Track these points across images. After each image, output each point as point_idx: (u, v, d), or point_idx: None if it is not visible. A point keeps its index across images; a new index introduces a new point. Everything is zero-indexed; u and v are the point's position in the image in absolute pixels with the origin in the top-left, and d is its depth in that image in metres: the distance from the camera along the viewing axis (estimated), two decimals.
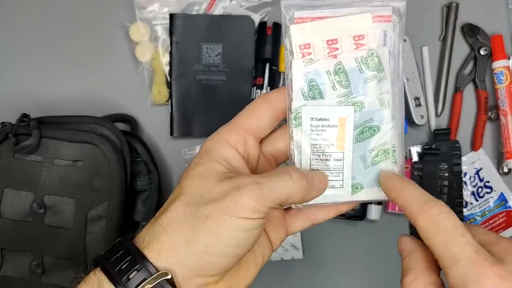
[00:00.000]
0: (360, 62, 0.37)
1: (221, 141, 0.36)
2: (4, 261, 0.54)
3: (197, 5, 0.64)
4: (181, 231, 0.33)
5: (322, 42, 0.37)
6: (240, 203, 0.32)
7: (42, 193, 0.54)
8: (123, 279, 0.32)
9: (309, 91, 0.37)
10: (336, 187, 0.38)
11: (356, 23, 0.37)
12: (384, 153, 0.38)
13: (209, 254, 0.32)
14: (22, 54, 0.65)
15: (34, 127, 0.54)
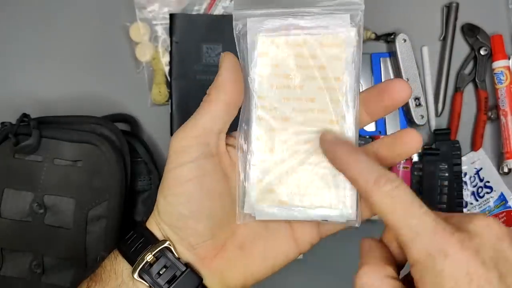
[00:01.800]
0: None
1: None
2: (4, 261, 0.54)
3: (197, 5, 0.64)
4: (158, 200, 0.37)
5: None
6: (170, 151, 0.35)
7: (42, 193, 0.54)
8: (131, 251, 0.36)
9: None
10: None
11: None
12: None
13: (180, 214, 0.35)
14: (22, 54, 0.65)
15: (34, 127, 0.54)
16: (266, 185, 0.35)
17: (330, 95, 0.34)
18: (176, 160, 0.35)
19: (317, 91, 0.34)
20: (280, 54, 0.35)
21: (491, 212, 0.64)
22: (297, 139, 0.35)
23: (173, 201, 0.35)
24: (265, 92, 0.35)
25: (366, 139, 0.61)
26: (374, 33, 0.64)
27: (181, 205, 0.35)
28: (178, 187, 0.35)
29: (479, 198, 0.64)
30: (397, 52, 0.62)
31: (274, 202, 0.35)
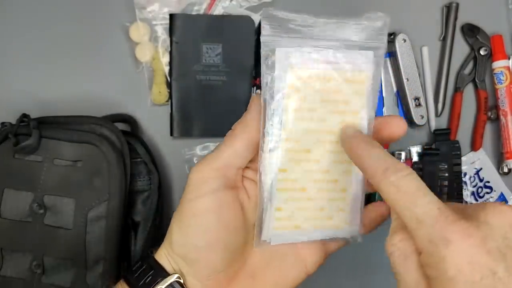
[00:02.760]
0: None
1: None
2: (4, 262, 0.54)
3: (197, 5, 0.64)
4: (172, 229, 0.37)
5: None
6: (188, 181, 0.36)
7: (42, 193, 0.54)
8: (139, 284, 0.37)
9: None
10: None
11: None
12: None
13: (197, 246, 0.35)
14: (22, 54, 0.65)
15: (34, 127, 0.54)
16: (285, 213, 0.37)
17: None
18: (195, 190, 0.35)
19: (338, 124, 0.36)
20: (307, 88, 0.35)
21: None
22: (318, 168, 0.37)
23: (189, 232, 0.35)
24: (291, 125, 0.36)
25: None
26: None
27: (197, 236, 0.35)
28: (195, 218, 0.35)
29: (479, 198, 0.64)
30: (396, 52, 0.62)
31: (289, 228, 0.37)
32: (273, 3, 0.64)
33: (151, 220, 0.57)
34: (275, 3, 0.64)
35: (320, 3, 0.65)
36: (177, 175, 0.64)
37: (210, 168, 0.35)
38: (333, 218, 0.38)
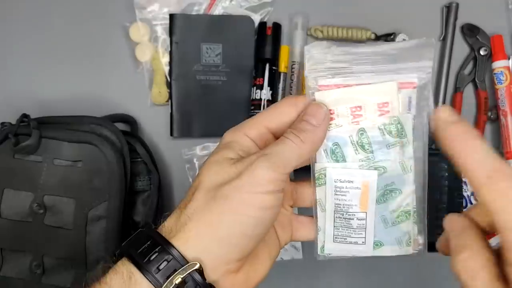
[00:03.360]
0: (383, 129, 0.38)
1: (241, 134, 0.37)
2: (4, 262, 0.54)
3: (197, 5, 0.64)
4: (205, 216, 0.34)
5: (346, 108, 0.38)
6: (256, 177, 0.33)
7: (42, 193, 0.54)
8: (153, 270, 0.33)
9: (332, 154, 0.39)
10: (358, 243, 0.40)
11: (382, 90, 0.37)
12: (405, 214, 0.40)
13: (232, 236, 0.33)
14: (22, 54, 0.65)
15: (34, 127, 0.54)
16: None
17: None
18: (261, 187, 0.34)
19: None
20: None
21: None
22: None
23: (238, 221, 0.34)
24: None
25: None
26: (373, 33, 0.64)
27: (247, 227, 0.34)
28: (253, 210, 0.34)
29: None
30: None
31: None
32: (273, 4, 0.64)
33: (151, 219, 0.57)
34: (275, 3, 0.64)
35: (320, 3, 0.65)
36: (177, 175, 0.64)
37: (280, 172, 0.34)
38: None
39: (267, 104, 0.62)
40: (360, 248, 0.40)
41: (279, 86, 0.63)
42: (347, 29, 0.63)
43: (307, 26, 0.64)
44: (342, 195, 0.39)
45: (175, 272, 0.33)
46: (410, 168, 0.38)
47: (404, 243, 0.40)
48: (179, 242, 0.34)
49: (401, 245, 0.40)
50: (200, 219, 0.34)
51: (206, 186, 0.35)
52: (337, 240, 0.41)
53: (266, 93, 0.62)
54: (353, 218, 0.39)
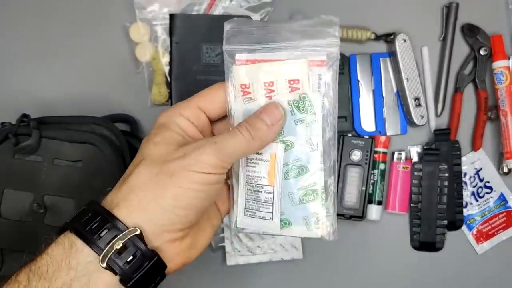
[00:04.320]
0: (292, 105, 0.39)
1: (176, 114, 0.40)
2: (4, 262, 0.54)
3: (197, 5, 0.64)
4: (148, 189, 0.35)
5: (260, 83, 0.39)
6: (202, 160, 0.35)
7: (42, 193, 0.54)
8: (94, 237, 0.34)
9: None
10: (266, 218, 0.41)
11: (293, 68, 0.39)
12: (312, 193, 0.40)
13: (178, 207, 0.35)
14: (22, 54, 0.65)
15: (34, 127, 0.54)
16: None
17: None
18: (205, 169, 0.36)
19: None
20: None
21: (491, 212, 0.64)
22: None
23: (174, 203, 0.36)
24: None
25: (366, 139, 0.61)
26: (373, 33, 0.64)
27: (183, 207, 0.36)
28: (197, 185, 0.36)
29: (479, 198, 0.64)
30: (397, 52, 0.62)
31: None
32: (273, 3, 0.64)
33: None
34: (275, 3, 0.64)
35: (320, 3, 0.65)
36: None
37: (225, 161, 0.37)
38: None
39: None
40: (269, 224, 0.41)
41: None
42: (347, 29, 0.63)
43: None
44: (252, 167, 0.41)
45: (115, 238, 0.34)
46: (317, 146, 0.39)
47: (312, 224, 0.41)
48: (121, 212, 0.35)
49: (309, 227, 0.41)
50: (143, 191, 0.35)
51: (150, 163, 0.37)
52: (248, 213, 0.42)
53: None
54: (261, 191, 0.41)
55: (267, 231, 0.42)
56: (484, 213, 0.64)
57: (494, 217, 0.64)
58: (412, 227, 0.63)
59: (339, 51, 0.39)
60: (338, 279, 0.64)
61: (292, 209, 0.41)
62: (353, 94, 0.64)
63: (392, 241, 0.64)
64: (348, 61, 0.64)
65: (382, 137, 0.62)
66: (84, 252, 0.34)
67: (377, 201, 0.62)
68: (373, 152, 0.61)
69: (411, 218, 0.63)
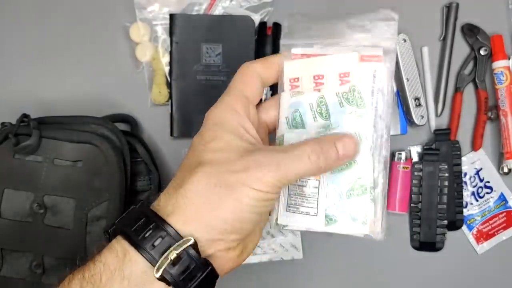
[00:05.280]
0: (341, 97, 0.39)
1: (230, 110, 0.38)
2: (4, 262, 0.54)
3: (197, 5, 0.64)
4: (205, 199, 0.34)
5: (309, 76, 0.39)
6: (263, 180, 0.34)
7: (42, 193, 0.54)
8: (148, 247, 0.33)
9: (293, 121, 0.40)
10: (310, 214, 0.39)
11: (343, 61, 0.39)
12: (361, 187, 0.38)
13: (235, 220, 0.35)
14: (23, 54, 0.65)
15: (34, 127, 0.54)
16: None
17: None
18: (264, 188, 0.35)
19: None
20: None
21: (491, 212, 0.64)
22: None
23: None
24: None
25: None
26: None
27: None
28: (254, 201, 0.35)
29: (479, 198, 0.64)
30: (397, 52, 0.62)
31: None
32: (273, 4, 0.64)
33: None
34: (275, 3, 0.64)
35: (319, 3, 0.65)
36: None
37: (284, 183, 0.37)
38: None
39: None
40: (313, 220, 0.39)
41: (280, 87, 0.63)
42: None
43: None
44: None
45: (169, 248, 0.33)
46: (366, 138, 0.38)
47: (359, 220, 0.38)
48: (175, 220, 0.34)
49: (356, 223, 0.38)
50: (201, 201, 0.34)
51: (209, 171, 0.35)
52: (290, 209, 0.40)
53: (266, 93, 0.62)
54: (305, 185, 0.39)
55: (310, 228, 0.40)
56: (484, 213, 0.64)
57: (494, 217, 0.64)
58: (412, 227, 0.63)
59: (397, 47, 0.38)
60: (338, 279, 0.64)
61: (339, 204, 0.39)
62: None
63: (392, 241, 0.64)
64: None
65: None
66: (138, 262, 0.34)
67: None
68: None
69: (411, 218, 0.63)
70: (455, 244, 0.63)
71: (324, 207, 0.39)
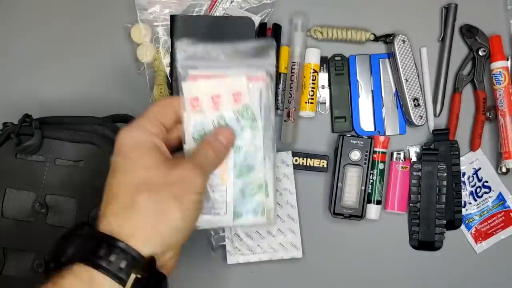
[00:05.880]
0: (237, 113, 0.46)
1: (147, 132, 0.42)
2: (7, 261, 0.55)
3: (198, 7, 0.64)
4: (158, 215, 0.38)
5: (208, 97, 0.46)
6: (198, 183, 0.40)
7: (44, 193, 0.54)
8: (115, 270, 0.36)
9: (198, 136, 0.46)
10: (220, 214, 0.47)
11: (235, 83, 0.46)
12: (258, 187, 0.47)
13: (185, 227, 0.40)
14: (24, 54, 0.66)
15: (36, 127, 0.54)
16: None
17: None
18: (195, 190, 0.41)
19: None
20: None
21: (490, 212, 0.64)
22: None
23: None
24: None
25: (366, 139, 0.61)
26: (373, 34, 0.64)
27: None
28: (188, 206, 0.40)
29: (477, 198, 0.64)
30: (396, 53, 0.62)
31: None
32: (273, 5, 0.64)
33: None
34: (275, 4, 0.64)
35: (319, 4, 0.65)
36: None
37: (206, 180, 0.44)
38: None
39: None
40: (223, 218, 0.47)
41: (279, 86, 0.64)
42: (346, 30, 0.64)
43: (307, 27, 0.64)
44: None
45: (134, 268, 0.36)
46: (260, 148, 0.47)
47: (259, 213, 0.48)
48: (135, 241, 0.37)
49: (257, 215, 0.47)
50: (154, 218, 0.38)
51: (152, 189, 0.39)
52: (205, 212, 0.46)
53: None
54: (215, 190, 0.47)
55: (222, 224, 0.48)
56: (482, 212, 0.64)
57: (492, 217, 0.64)
58: (411, 227, 0.63)
59: (275, 69, 0.47)
60: (338, 279, 0.64)
61: (243, 202, 0.47)
62: (353, 94, 0.64)
63: (391, 241, 0.64)
64: (347, 62, 0.64)
65: (381, 137, 0.63)
66: (107, 285, 0.36)
67: (376, 200, 0.62)
68: (372, 152, 0.61)
69: (410, 218, 0.63)
70: (454, 243, 0.64)
71: (231, 206, 0.47)
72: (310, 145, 0.64)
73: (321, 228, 0.64)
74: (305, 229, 0.63)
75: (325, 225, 0.64)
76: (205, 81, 0.46)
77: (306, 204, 0.63)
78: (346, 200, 0.61)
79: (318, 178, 0.64)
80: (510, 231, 0.64)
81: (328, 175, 0.64)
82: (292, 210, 0.62)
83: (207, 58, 0.46)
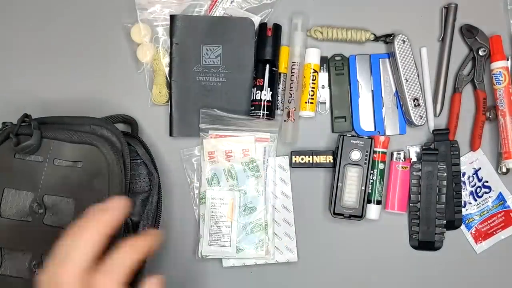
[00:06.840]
0: (244, 165, 0.61)
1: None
2: (4, 261, 0.54)
3: (198, 7, 0.64)
4: None
5: (222, 151, 0.61)
6: None
7: (42, 193, 0.54)
8: None
9: (212, 181, 0.61)
10: (226, 246, 0.60)
11: (245, 141, 0.61)
12: (259, 225, 0.60)
13: None
14: (24, 54, 0.65)
15: (35, 127, 0.54)
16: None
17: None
18: None
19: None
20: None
21: (490, 212, 0.64)
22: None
23: None
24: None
25: (366, 139, 0.61)
26: (373, 34, 0.64)
27: None
28: None
29: (477, 198, 0.64)
30: (396, 53, 0.62)
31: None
32: (273, 5, 0.64)
33: (150, 220, 0.57)
34: (275, 4, 0.64)
35: (320, 4, 0.65)
36: (176, 175, 0.64)
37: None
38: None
39: (267, 104, 0.62)
40: (227, 250, 0.60)
41: (279, 86, 0.64)
42: (346, 30, 0.64)
43: (307, 27, 0.64)
44: (215, 209, 0.60)
45: None
46: (262, 193, 0.60)
47: (259, 248, 0.60)
48: None
49: (257, 250, 0.60)
50: None
51: None
52: (211, 243, 0.60)
53: (266, 94, 0.62)
54: (222, 226, 0.60)
55: (225, 255, 0.60)
56: (482, 212, 0.64)
57: (492, 217, 0.64)
58: (411, 227, 0.63)
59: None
60: (338, 278, 0.64)
61: (245, 237, 0.60)
62: (353, 94, 0.64)
63: (391, 241, 0.64)
64: (347, 62, 0.64)
65: (381, 137, 0.62)
66: None
67: (376, 200, 0.62)
68: (372, 152, 0.61)
69: (410, 218, 0.63)
70: (454, 243, 0.63)
71: (235, 241, 0.60)
72: (310, 145, 0.64)
73: (321, 228, 0.64)
74: (305, 229, 0.63)
75: (325, 225, 0.64)
76: (221, 139, 0.61)
77: (306, 204, 0.63)
78: (346, 200, 0.61)
79: (318, 178, 0.64)
80: (510, 231, 0.64)
81: (328, 175, 0.64)
82: (288, 214, 0.62)
83: (225, 124, 0.60)
